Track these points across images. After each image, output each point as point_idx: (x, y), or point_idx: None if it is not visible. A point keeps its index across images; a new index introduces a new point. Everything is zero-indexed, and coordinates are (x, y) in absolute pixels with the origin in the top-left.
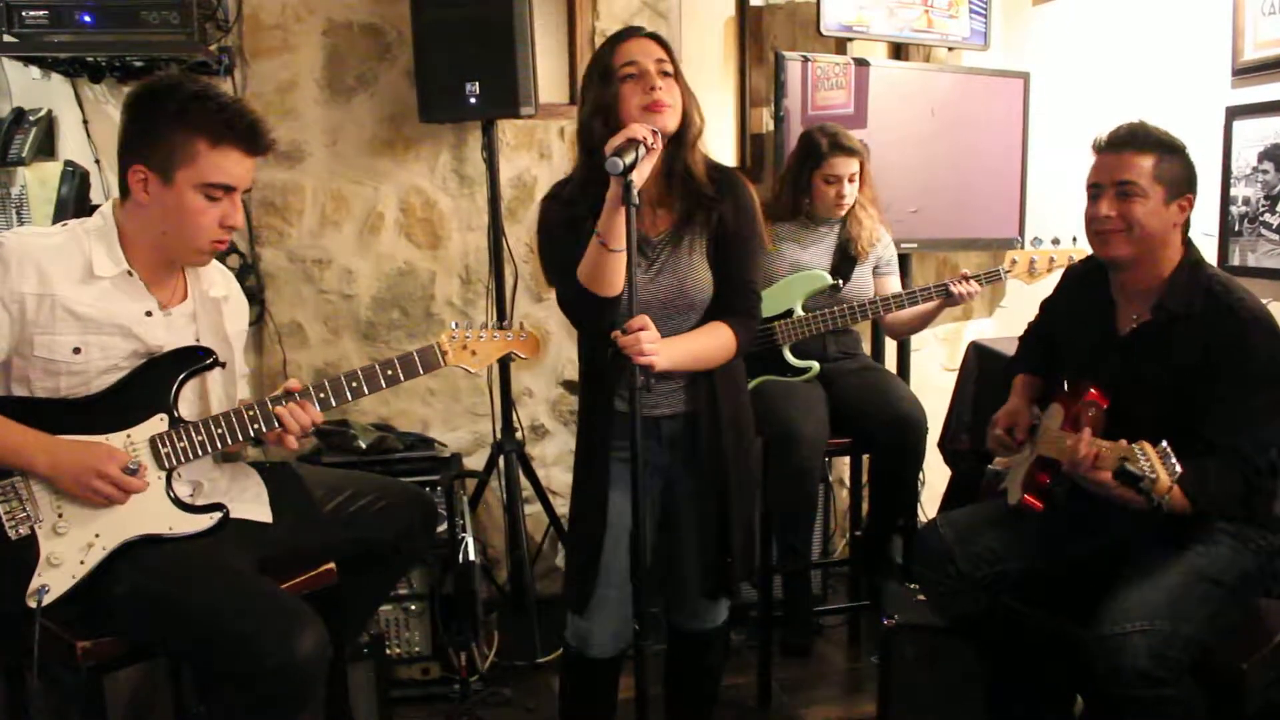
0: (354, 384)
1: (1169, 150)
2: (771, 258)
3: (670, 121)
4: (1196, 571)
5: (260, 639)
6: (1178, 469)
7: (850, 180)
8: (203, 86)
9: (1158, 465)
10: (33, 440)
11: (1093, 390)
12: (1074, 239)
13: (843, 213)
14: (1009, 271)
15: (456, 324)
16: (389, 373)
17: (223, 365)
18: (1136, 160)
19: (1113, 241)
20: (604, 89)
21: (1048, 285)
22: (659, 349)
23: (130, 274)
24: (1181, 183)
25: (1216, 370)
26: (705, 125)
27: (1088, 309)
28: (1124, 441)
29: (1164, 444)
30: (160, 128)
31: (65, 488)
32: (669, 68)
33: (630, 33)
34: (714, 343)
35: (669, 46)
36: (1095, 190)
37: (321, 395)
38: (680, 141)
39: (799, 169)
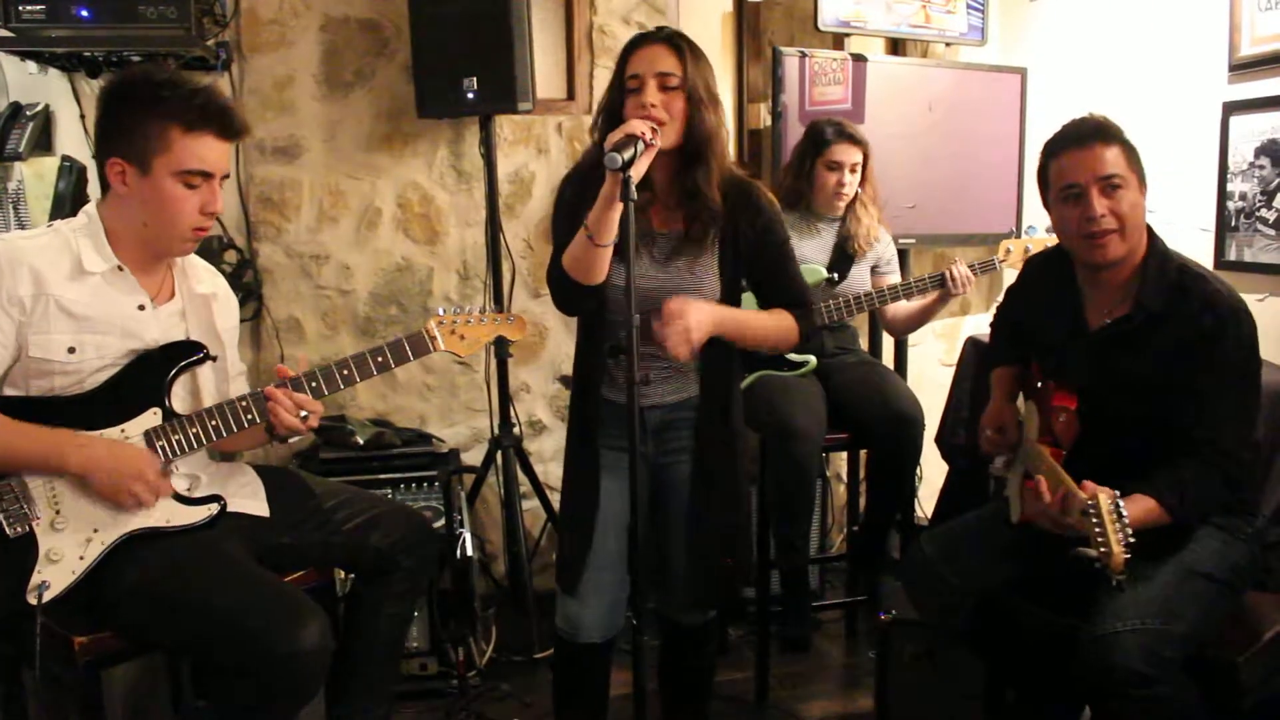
0: (344, 372)
1: (1124, 137)
2: None
3: (665, 139)
4: (1188, 567)
5: (267, 630)
6: (1130, 534)
7: (852, 170)
8: (172, 74)
9: (1110, 532)
10: (64, 439)
11: (1059, 393)
12: None
13: (842, 204)
14: (1004, 261)
15: (443, 309)
16: (379, 359)
17: (213, 359)
18: (1109, 151)
19: (1110, 244)
20: (612, 96)
21: None
22: (693, 333)
23: (121, 269)
24: (1142, 169)
25: (1195, 364)
26: (722, 134)
27: (1055, 301)
28: (1084, 489)
29: (1115, 497)
30: (134, 119)
31: (96, 485)
32: (673, 81)
33: (643, 40)
34: (772, 320)
35: (683, 51)
36: (1074, 190)
37: (313, 384)
38: (689, 153)
39: (803, 157)
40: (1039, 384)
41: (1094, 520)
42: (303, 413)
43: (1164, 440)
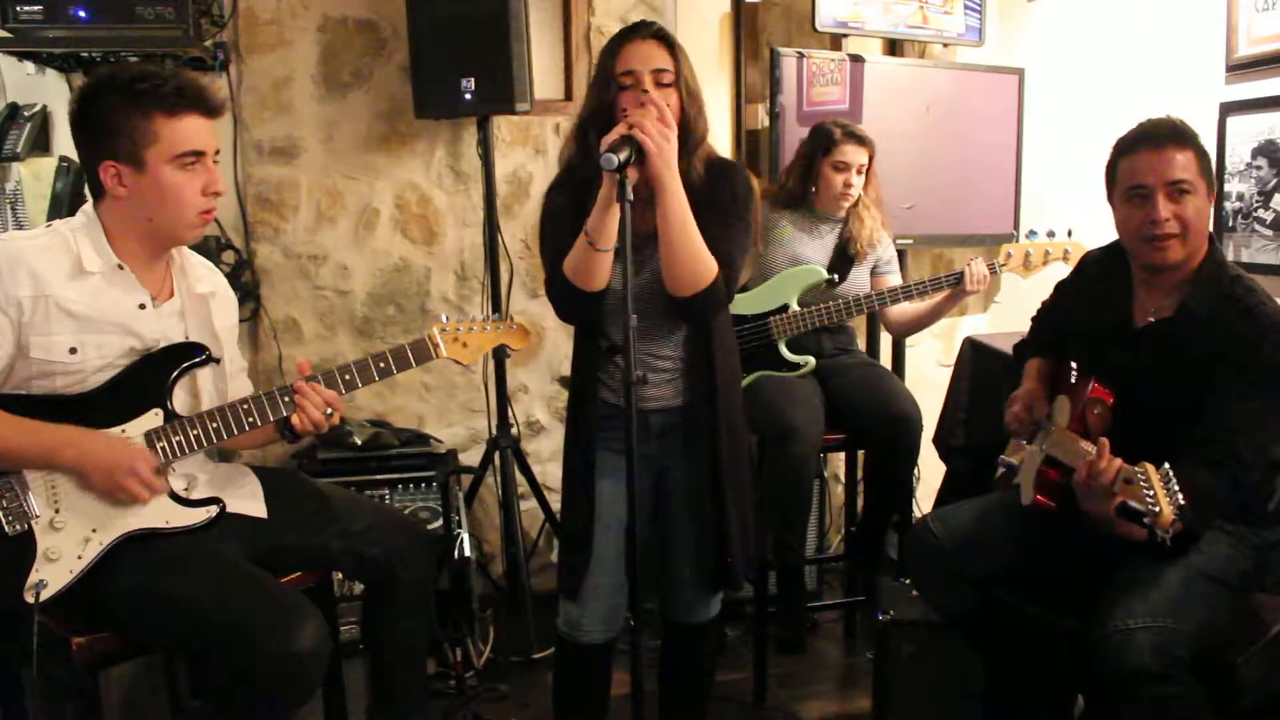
0: (346, 377)
1: (1199, 142)
2: (770, 250)
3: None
4: (1197, 570)
5: (262, 632)
6: (1180, 498)
7: (859, 172)
8: (139, 68)
9: (1160, 493)
10: (61, 435)
11: (1097, 386)
12: (1069, 232)
13: (847, 205)
14: (1004, 265)
15: (447, 316)
16: (381, 365)
17: (216, 361)
18: (1181, 155)
19: (1170, 248)
20: (602, 93)
21: (1043, 277)
22: (665, 148)
23: (121, 267)
24: (1212, 175)
25: (1224, 370)
26: (709, 129)
27: (1104, 296)
28: (1123, 464)
29: (1166, 467)
30: (114, 118)
31: (92, 481)
32: (668, 77)
33: (633, 34)
34: (703, 247)
35: (674, 47)
36: (1141, 191)
37: None
38: (681, 149)
39: (810, 156)
40: (1074, 379)
41: (1143, 482)
42: (327, 410)
43: (1187, 443)
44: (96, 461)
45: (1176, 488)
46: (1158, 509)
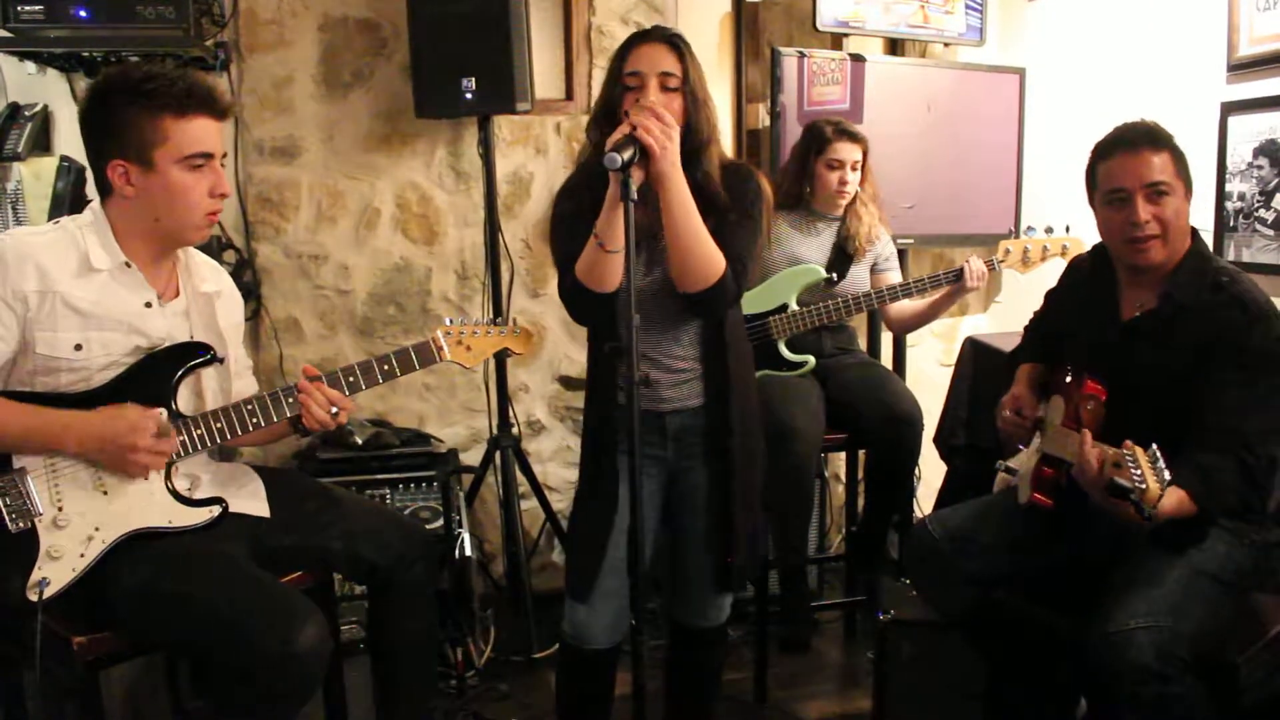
0: (350, 379)
1: (1174, 143)
2: (769, 250)
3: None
4: (1196, 568)
5: (264, 631)
6: (1167, 475)
7: (853, 168)
8: (148, 68)
9: (1147, 472)
10: (63, 418)
11: (1090, 382)
12: (1066, 228)
13: (844, 202)
14: (1002, 261)
15: (451, 319)
16: (385, 368)
17: (220, 361)
18: (1158, 158)
19: (1151, 249)
20: (609, 93)
21: (1043, 275)
22: (669, 147)
23: (128, 265)
24: (1189, 175)
25: (1218, 358)
26: (718, 133)
27: (1092, 297)
28: (1110, 449)
29: (1154, 448)
30: (123, 118)
31: (99, 458)
32: (673, 81)
33: (643, 37)
34: (710, 244)
35: (683, 51)
36: (1120, 195)
37: None
38: (688, 152)
39: (804, 156)
40: (1067, 378)
41: (1130, 462)
42: (333, 409)
43: (1186, 433)
44: (98, 437)
45: (1163, 466)
46: (1144, 485)
